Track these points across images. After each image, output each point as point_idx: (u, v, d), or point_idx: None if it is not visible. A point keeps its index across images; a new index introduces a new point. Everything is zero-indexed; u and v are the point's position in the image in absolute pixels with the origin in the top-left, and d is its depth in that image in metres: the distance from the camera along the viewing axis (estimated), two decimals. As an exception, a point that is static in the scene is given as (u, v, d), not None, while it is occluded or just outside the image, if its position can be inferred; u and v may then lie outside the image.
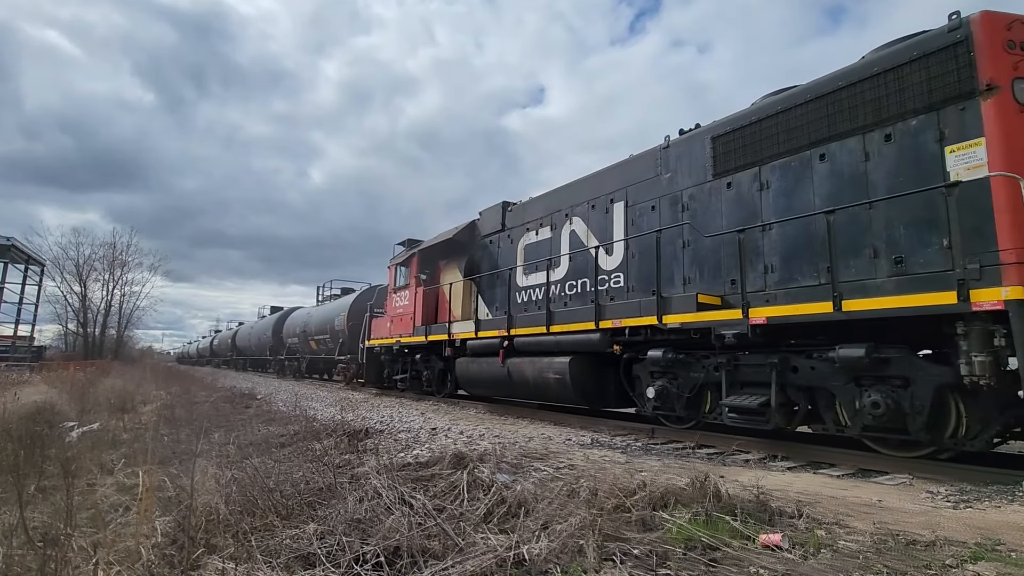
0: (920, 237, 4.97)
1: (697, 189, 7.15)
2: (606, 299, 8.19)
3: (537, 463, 4.82)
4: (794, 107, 6.10)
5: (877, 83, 5.41)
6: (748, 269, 6.19)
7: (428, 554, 2.84)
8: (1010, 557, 2.69)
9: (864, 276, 5.26)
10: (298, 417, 8.68)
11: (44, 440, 6.45)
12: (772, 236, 6.18)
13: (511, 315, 9.76)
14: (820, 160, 5.84)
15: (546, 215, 9.89)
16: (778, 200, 6.19)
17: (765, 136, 6.36)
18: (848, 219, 5.40)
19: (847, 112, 5.63)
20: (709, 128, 7.16)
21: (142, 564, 2.86)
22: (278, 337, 27.02)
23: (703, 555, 2.72)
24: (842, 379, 5.34)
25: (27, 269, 32.32)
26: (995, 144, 4.60)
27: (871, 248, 5.30)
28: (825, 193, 5.73)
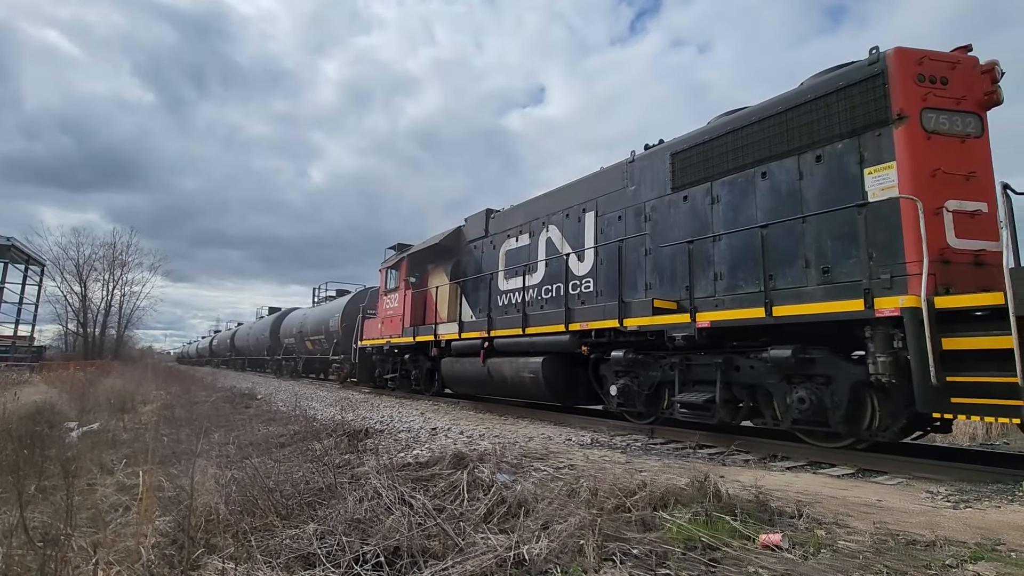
0: (843, 250, 5.48)
1: (658, 201, 7.67)
2: (577, 303, 8.68)
3: (537, 463, 4.82)
4: (741, 128, 6.64)
5: (810, 109, 5.97)
6: (700, 276, 6.78)
7: (428, 554, 2.84)
8: (1010, 557, 2.69)
9: (798, 284, 5.78)
10: (298, 417, 8.69)
11: (44, 440, 6.45)
12: (721, 246, 6.69)
13: (491, 317, 10.26)
14: (762, 178, 6.37)
15: (525, 223, 10.43)
16: (727, 213, 6.71)
17: (716, 154, 6.91)
18: (785, 232, 5.94)
19: (785, 135, 6.17)
20: (669, 145, 7.65)
21: (142, 564, 2.86)
22: (275, 338, 27.54)
23: (703, 555, 2.72)
24: (776, 377, 5.90)
25: (27, 269, 32.33)
26: (904, 167, 5.16)
27: (804, 259, 5.83)
28: (766, 208, 6.25)
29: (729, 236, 6.55)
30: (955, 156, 5.21)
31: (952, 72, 5.40)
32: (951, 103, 5.33)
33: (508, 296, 10.49)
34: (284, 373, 26.29)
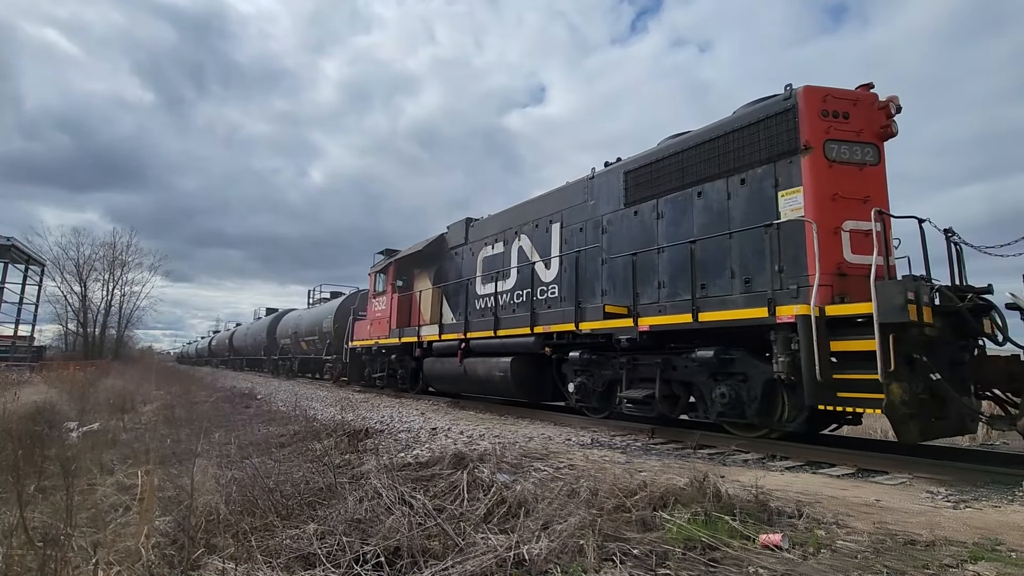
0: (761, 263, 6.15)
1: (613, 215, 8.37)
2: (543, 308, 9.39)
3: (537, 463, 4.82)
4: (683, 151, 7.34)
5: (737, 137, 6.70)
6: (646, 284, 7.52)
7: (428, 554, 2.84)
8: (1010, 557, 2.69)
9: (725, 293, 6.51)
10: (298, 417, 8.69)
11: (44, 440, 6.45)
12: (663, 258, 7.39)
13: (468, 320, 11.02)
14: (698, 197, 7.09)
15: (500, 232, 11.15)
16: (669, 228, 7.42)
17: (662, 174, 7.63)
18: (715, 246, 6.65)
19: (717, 159, 6.90)
20: (623, 164, 8.35)
21: (142, 564, 2.86)
22: (272, 338, 28.10)
23: (703, 555, 2.72)
24: (704, 375, 6.61)
25: (27, 269, 32.29)
26: (808, 192, 5.88)
27: (730, 270, 6.53)
28: (701, 224, 6.95)
29: (670, 249, 7.24)
30: (853, 182, 5.93)
31: (853, 108, 6.13)
32: (851, 135, 6.05)
33: (484, 300, 11.14)
34: (280, 373, 26.80)
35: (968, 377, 5.16)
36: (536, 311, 9.37)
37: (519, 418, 9.36)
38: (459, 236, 12.63)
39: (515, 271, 10.44)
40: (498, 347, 9.97)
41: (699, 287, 6.68)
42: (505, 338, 9.83)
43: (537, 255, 9.92)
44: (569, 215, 9.30)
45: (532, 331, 9.13)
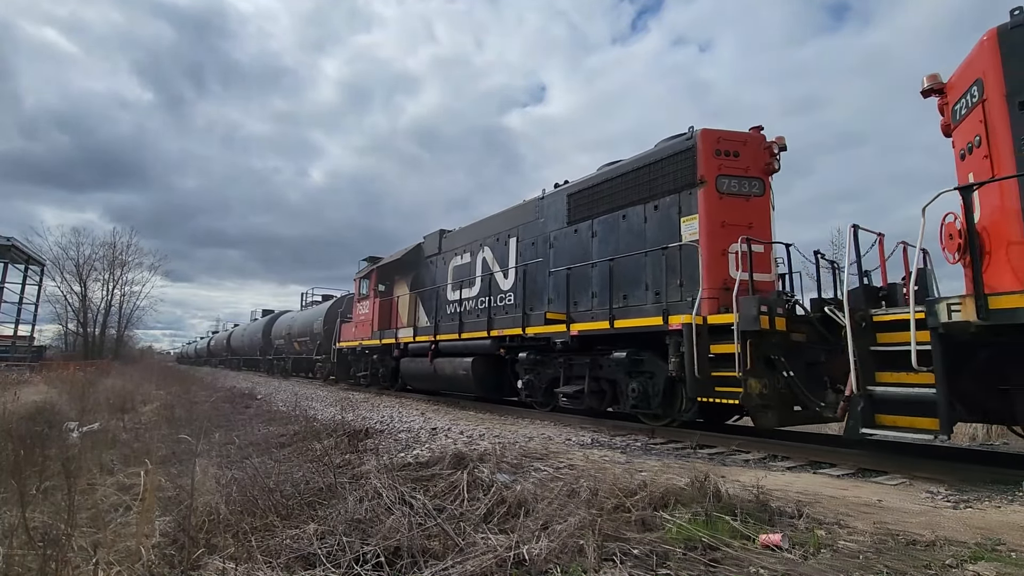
0: (667, 279, 7.12)
1: (559, 232, 9.46)
2: (502, 313, 10.42)
3: (537, 463, 4.82)
4: (613, 178, 8.47)
5: (652, 169, 7.81)
6: (582, 294, 8.61)
7: (428, 554, 2.84)
8: (1010, 557, 2.69)
9: (641, 303, 7.58)
10: (298, 417, 8.69)
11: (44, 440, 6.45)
12: (596, 271, 8.40)
13: (437, 323, 12.14)
14: (623, 219, 8.20)
15: (468, 243, 12.20)
16: (601, 245, 8.47)
17: (596, 198, 8.75)
18: (634, 263, 7.74)
19: (637, 187, 8.02)
20: (568, 187, 9.47)
21: (142, 564, 2.86)
22: (267, 339, 29.13)
23: (703, 555, 2.72)
24: (622, 373, 7.68)
25: (27, 269, 32.28)
26: (702, 219, 6.97)
27: (644, 284, 7.63)
28: (625, 243, 8.04)
29: (600, 264, 8.27)
30: (740, 211, 7.04)
31: (743, 147, 7.18)
32: (740, 171, 7.12)
33: (453, 305, 12.21)
34: (275, 372, 27.78)
35: (823, 374, 5.98)
36: (493, 316, 10.44)
37: (519, 418, 9.36)
38: (433, 246, 13.65)
39: (479, 279, 11.46)
40: (462, 348, 11.10)
41: (621, 298, 7.86)
42: (468, 340, 10.96)
43: (497, 266, 11.05)
44: (524, 231, 10.40)
45: (489, 334, 10.28)
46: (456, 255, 12.60)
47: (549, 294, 9.33)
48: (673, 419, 7.26)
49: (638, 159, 8.10)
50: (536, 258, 9.81)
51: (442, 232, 13.51)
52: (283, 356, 26.85)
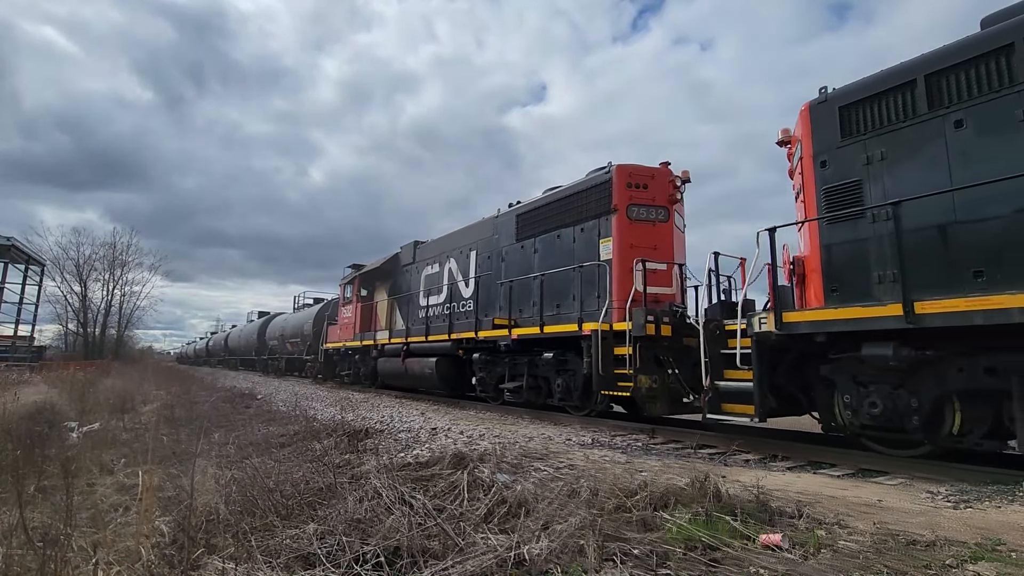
0: (588, 291, 8.61)
1: (510, 247, 10.76)
2: (462, 318, 11.70)
3: (537, 463, 4.82)
4: (551, 203, 9.86)
5: (580, 197, 9.21)
6: (525, 303, 9.94)
7: (428, 554, 2.84)
8: (1010, 557, 2.69)
9: (570, 311, 8.90)
10: (298, 417, 8.69)
11: (44, 440, 6.45)
12: (536, 283, 9.59)
13: (408, 327, 13.62)
14: (558, 238, 9.55)
15: (437, 255, 13.49)
16: (541, 260, 9.83)
17: (539, 219, 10.09)
18: (564, 277, 9.11)
19: (568, 212, 9.42)
20: (517, 208, 10.83)
21: (142, 564, 2.86)
22: (262, 340, 30.57)
23: (703, 555, 2.71)
24: (551, 371, 9.13)
25: (27, 269, 32.26)
26: (615, 241, 8.34)
27: (572, 295, 8.94)
28: (558, 259, 9.38)
29: (537, 278, 9.57)
30: (647, 235, 8.43)
31: (651, 180, 8.61)
32: (647, 201, 8.53)
33: (424, 311, 13.47)
34: (270, 371, 28.87)
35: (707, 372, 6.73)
36: (454, 321, 11.82)
37: (519, 418, 9.35)
38: (409, 256, 14.91)
39: (445, 287, 12.76)
40: (428, 349, 12.49)
41: (555, 306, 9.21)
42: (433, 342, 12.32)
43: (460, 276, 12.33)
44: (482, 245, 11.71)
45: (450, 337, 11.61)
46: (428, 265, 13.86)
47: (500, 302, 10.53)
48: (591, 410, 8.60)
49: (570, 187, 9.51)
50: (490, 270, 11.10)
51: (416, 243, 14.81)
52: (277, 356, 28.00)
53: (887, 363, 4.91)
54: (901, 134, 5.26)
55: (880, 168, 5.37)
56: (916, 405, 5.01)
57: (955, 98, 4.94)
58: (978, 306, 4.33)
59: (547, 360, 9.09)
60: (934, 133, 5.02)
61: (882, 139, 5.39)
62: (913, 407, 5.02)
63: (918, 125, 5.15)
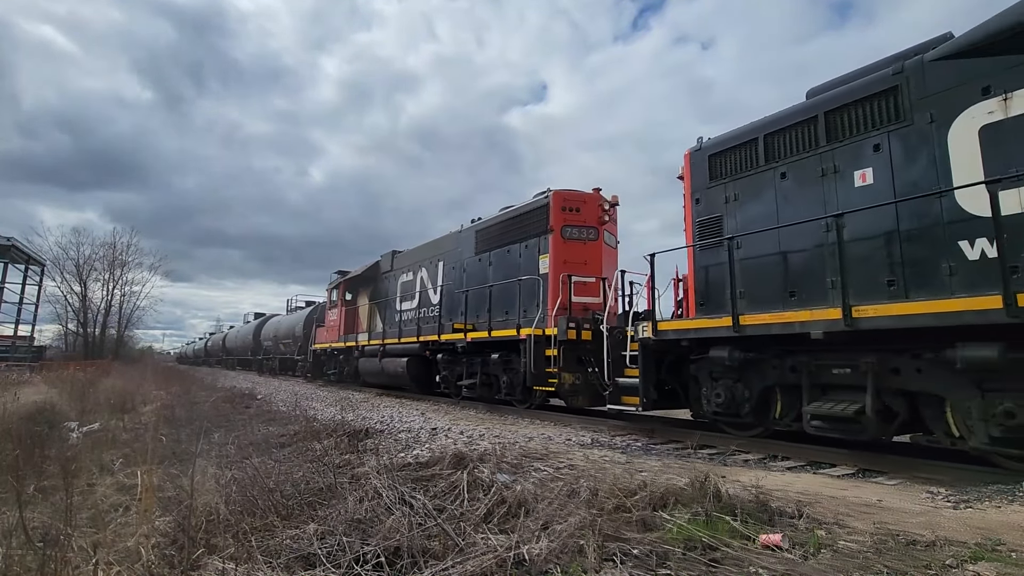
0: (530, 300, 10.05)
1: (469, 260, 12.24)
2: (430, 323, 13.08)
3: (537, 463, 4.82)
4: (503, 221, 11.41)
5: (526, 218, 10.72)
6: (481, 309, 11.09)
7: (428, 554, 2.84)
8: (1010, 557, 2.69)
9: (515, 318, 10.15)
10: (298, 417, 8.69)
11: (44, 440, 6.45)
12: (488, 293, 10.94)
13: (385, 330, 15.14)
14: (508, 253, 11.06)
15: (412, 264, 14.89)
16: (495, 272, 11.27)
17: (493, 235, 11.59)
18: (511, 287, 10.46)
19: (515, 230, 10.92)
20: (476, 224, 12.29)
21: (142, 564, 2.86)
22: (257, 340, 32.09)
23: (703, 555, 2.72)
24: (499, 369, 10.57)
25: (27, 269, 32.24)
26: (551, 258, 9.81)
27: (516, 304, 10.27)
28: (508, 271, 10.82)
29: (490, 288, 10.90)
30: (578, 252, 9.88)
31: (583, 204, 10.11)
32: (579, 222, 9.99)
33: (399, 315, 14.98)
34: (264, 371, 30.16)
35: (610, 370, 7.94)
36: (422, 325, 13.28)
37: (519, 418, 9.36)
38: (388, 264, 16.27)
39: (417, 294, 14.22)
40: (400, 350, 13.89)
41: (504, 313, 10.55)
42: (405, 344, 13.72)
43: (430, 284, 13.75)
44: (448, 257, 13.10)
45: (418, 339, 13.00)
46: (403, 273, 15.28)
47: (461, 308, 11.73)
48: (531, 403, 9.87)
49: (518, 208, 11.06)
50: (454, 280, 12.57)
51: (394, 252, 16.24)
52: (271, 356, 29.51)
53: (725, 362, 6.25)
54: (748, 180, 6.61)
55: (735, 206, 6.72)
56: (748, 395, 6.34)
57: (782, 155, 6.30)
58: (774, 320, 5.81)
59: (495, 360, 10.50)
60: (768, 181, 6.39)
61: (737, 183, 6.73)
62: (746, 396, 6.35)
63: (759, 174, 6.51)
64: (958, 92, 4.96)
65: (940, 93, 5.08)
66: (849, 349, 5.39)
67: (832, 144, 5.82)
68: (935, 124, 5.07)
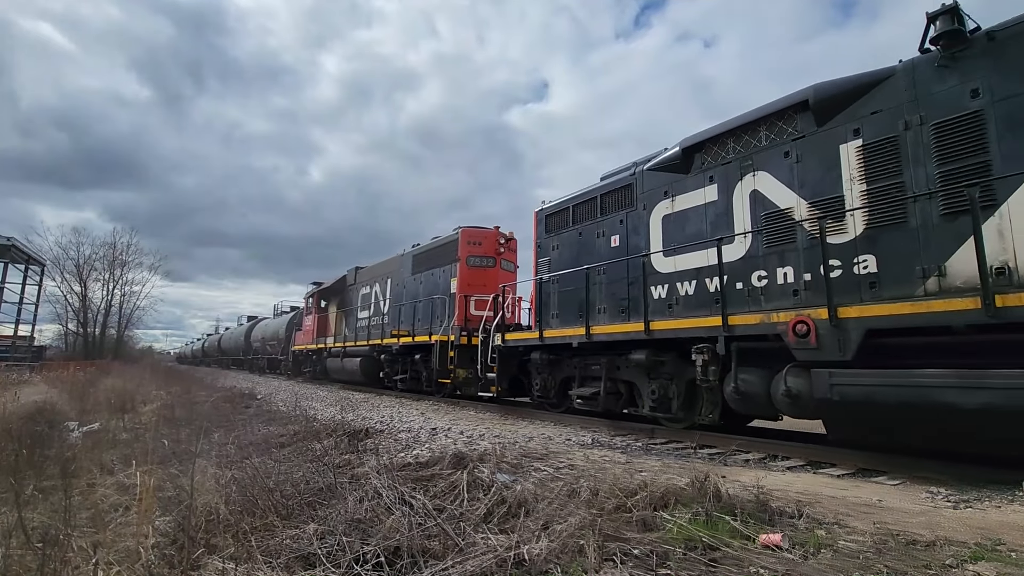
0: (443, 313, 12.85)
1: (408, 279, 15.42)
2: (380, 329, 16.07)
3: (537, 463, 4.82)
4: (428, 250, 14.60)
5: (444, 248, 13.74)
6: (413, 320, 14.17)
7: (428, 554, 2.83)
8: (1010, 557, 2.69)
9: (434, 328, 12.87)
10: (298, 417, 8.68)
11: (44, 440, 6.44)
12: (416, 306, 14.22)
13: (346, 335, 18.67)
14: (431, 275, 14.21)
15: (369, 279, 18.04)
16: (424, 290, 14.33)
17: (423, 260, 14.82)
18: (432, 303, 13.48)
19: (437, 257, 13.96)
20: (414, 250, 15.42)
21: (142, 564, 2.85)
22: (248, 342, 34.95)
23: (703, 555, 2.71)
24: (421, 367, 13.49)
25: (27, 269, 32.24)
26: (458, 281, 12.71)
27: (436, 316, 13.06)
28: (432, 290, 13.82)
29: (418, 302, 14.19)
30: (479, 276, 12.73)
31: (484, 239, 13.12)
32: (480, 252, 12.97)
33: (358, 322, 18.03)
34: (254, 370, 32.64)
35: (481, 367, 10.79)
36: (372, 331, 16.46)
37: (519, 418, 9.36)
38: (352, 278, 19.55)
39: (372, 305, 17.25)
40: (356, 352, 16.97)
41: (428, 323, 13.32)
42: (359, 346, 16.86)
43: (381, 297, 16.74)
44: (394, 275, 16.24)
45: (368, 343, 16.29)
46: (364, 286, 18.32)
47: (401, 318, 14.85)
48: (443, 392, 12.50)
49: (440, 240, 14.13)
50: (397, 294, 15.67)
51: (357, 268, 19.39)
52: (259, 356, 32.22)
53: (538, 362, 9.40)
54: (564, 235, 9.47)
55: (556, 253, 9.57)
56: (554, 384, 9.33)
57: (581, 220, 9.12)
58: (558, 334, 8.80)
59: (418, 360, 13.63)
60: (574, 237, 9.21)
61: (558, 236, 9.58)
62: (552, 385, 9.35)
63: (569, 232, 9.37)
64: (655, 192, 7.73)
65: (649, 191, 7.85)
66: (595, 353, 8.31)
67: (604, 216, 8.61)
68: (646, 210, 7.82)
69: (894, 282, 5.08)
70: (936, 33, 4.98)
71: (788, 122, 6.21)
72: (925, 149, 5.04)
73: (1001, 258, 4.47)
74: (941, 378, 4.31)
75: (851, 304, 5.11)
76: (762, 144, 6.42)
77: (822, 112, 5.82)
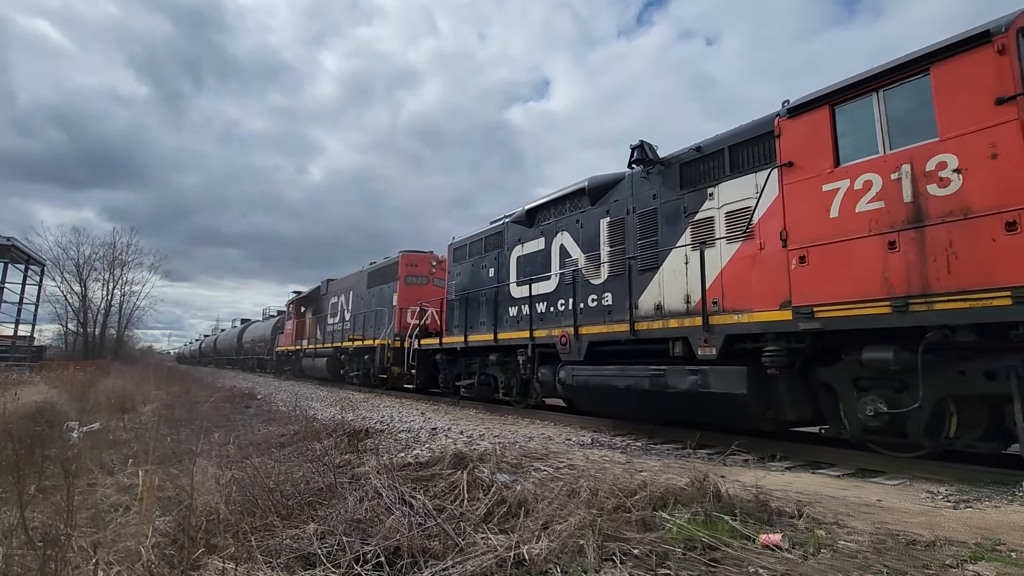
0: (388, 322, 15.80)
1: (364, 292, 18.14)
2: (342, 334, 19.22)
3: (537, 463, 4.82)
4: (378, 269, 17.61)
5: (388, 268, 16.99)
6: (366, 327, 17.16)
7: (428, 554, 2.84)
8: (1010, 557, 2.69)
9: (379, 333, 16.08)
10: (298, 417, 8.68)
11: (44, 440, 6.45)
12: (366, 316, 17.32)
13: (319, 338, 21.79)
14: (380, 290, 17.04)
15: (337, 290, 20.94)
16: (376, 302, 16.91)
17: (375, 277, 17.61)
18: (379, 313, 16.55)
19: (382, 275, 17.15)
20: (368, 268, 18.27)
21: (142, 564, 2.86)
22: (240, 343, 37.76)
23: (703, 555, 2.72)
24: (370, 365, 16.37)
25: (27, 269, 32.18)
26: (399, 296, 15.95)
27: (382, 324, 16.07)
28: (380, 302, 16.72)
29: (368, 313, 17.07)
30: (415, 292, 15.50)
31: (420, 261, 16.32)
32: (416, 272, 16.11)
33: (328, 327, 21.13)
34: (245, 369, 35.10)
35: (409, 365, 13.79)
36: (335, 336, 19.81)
37: (519, 418, 9.37)
38: (325, 289, 22.37)
39: (338, 313, 20.18)
40: (323, 353, 20.29)
41: (376, 330, 16.04)
42: (326, 348, 20.22)
43: (345, 306, 19.64)
44: (354, 288, 19.05)
45: (332, 345, 19.66)
46: (333, 296, 21.18)
47: (357, 325, 17.67)
48: (387, 387, 15.35)
49: (387, 261, 16.98)
50: (356, 305, 18.52)
51: (328, 280, 22.33)
52: (250, 356, 34.90)
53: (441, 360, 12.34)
54: (464, 265, 12.17)
55: (459, 278, 12.28)
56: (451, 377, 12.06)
57: (473, 255, 11.90)
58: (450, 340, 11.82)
59: (367, 360, 16.45)
60: (470, 267, 11.94)
61: (460, 265, 12.31)
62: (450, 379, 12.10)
63: (467, 263, 12.07)
64: (514, 239, 10.50)
65: (510, 238, 10.63)
66: (474, 355, 11.18)
67: (486, 253, 11.38)
68: (509, 251, 10.61)
69: (620, 311, 7.74)
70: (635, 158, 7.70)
71: (579, 200, 9.02)
72: (635, 228, 7.79)
73: (658, 300, 7.28)
74: (610, 370, 7.38)
75: (586, 325, 8.12)
76: (565, 213, 9.33)
77: (593, 196, 8.68)
